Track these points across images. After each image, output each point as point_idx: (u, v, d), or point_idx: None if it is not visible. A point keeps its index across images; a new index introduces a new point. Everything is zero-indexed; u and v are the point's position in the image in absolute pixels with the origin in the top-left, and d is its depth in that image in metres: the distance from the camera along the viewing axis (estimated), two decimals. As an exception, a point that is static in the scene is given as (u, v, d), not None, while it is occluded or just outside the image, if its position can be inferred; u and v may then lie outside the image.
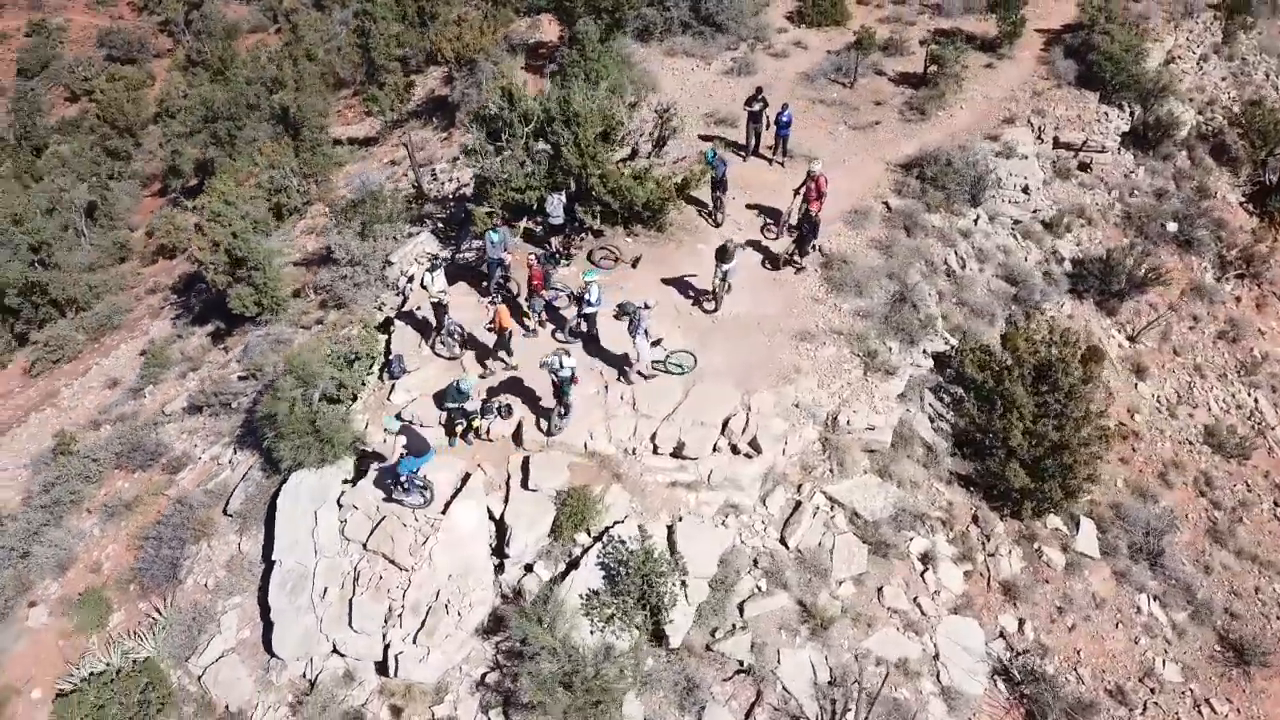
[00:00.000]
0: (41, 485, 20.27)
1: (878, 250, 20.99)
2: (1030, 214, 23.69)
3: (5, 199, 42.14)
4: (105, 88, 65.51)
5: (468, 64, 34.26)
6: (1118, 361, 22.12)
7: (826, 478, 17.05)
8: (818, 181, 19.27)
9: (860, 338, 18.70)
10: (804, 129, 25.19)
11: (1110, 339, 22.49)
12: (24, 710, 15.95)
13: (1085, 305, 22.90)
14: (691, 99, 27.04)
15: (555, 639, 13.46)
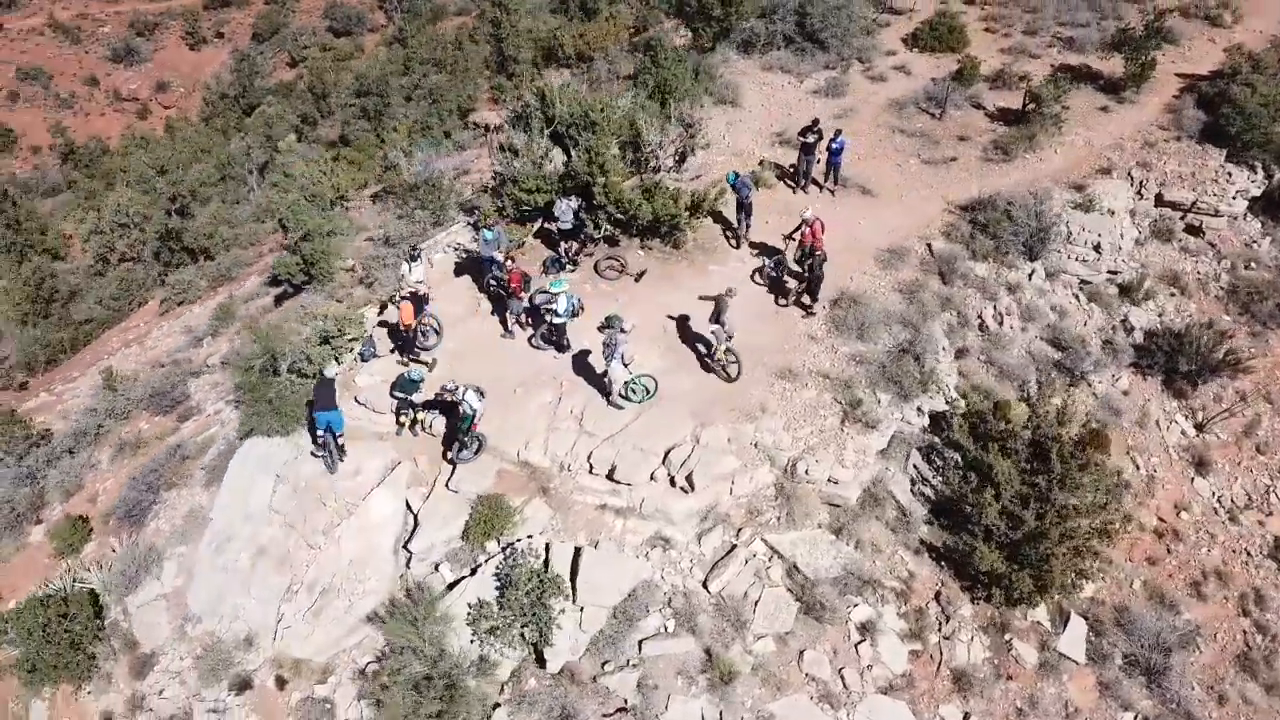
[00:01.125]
0: (80, 415, 22.59)
1: (901, 294, 19.96)
2: (1102, 275, 21.71)
3: (180, 150, 47.17)
4: (316, 57, 71.29)
5: (586, 61, 35.08)
6: (1174, 451, 19.91)
7: (773, 525, 16.39)
8: (812, 228, 18.79)
9: (847, 384, 17.88)
10: (874, 159, 24.37)
11: (1170, 424, 20.26)
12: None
13: (1149, 383, 20.76)
14: (770, 116, 26.74)
15: (423, 640, 13.68)
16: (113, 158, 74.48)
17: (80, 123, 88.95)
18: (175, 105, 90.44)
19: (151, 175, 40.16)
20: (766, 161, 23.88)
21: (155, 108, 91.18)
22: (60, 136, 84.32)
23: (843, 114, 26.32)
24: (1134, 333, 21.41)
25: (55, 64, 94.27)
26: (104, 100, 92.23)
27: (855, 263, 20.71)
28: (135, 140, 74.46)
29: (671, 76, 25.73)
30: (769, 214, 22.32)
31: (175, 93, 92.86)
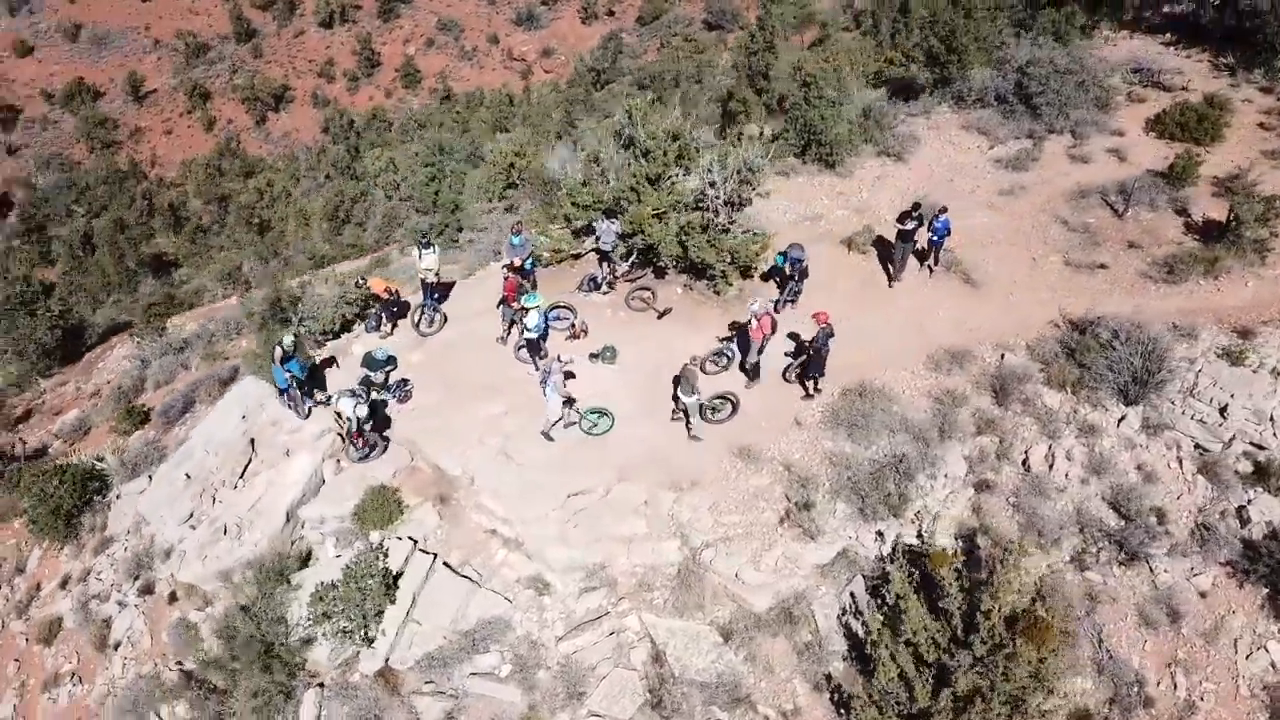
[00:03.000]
0: (214, 322, 26.44)
1: (930, 401, 17.80)
2: (1224, 444, 17.69)
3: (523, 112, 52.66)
4: (680, 47, 75.95)
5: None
6: (1249, 683, 15.95)
7: (658, 605, 15.53)
8: (760, 322, 17.54)
9: (805, 482, 16.38)
10: (1011, 246, 21.92)
11: (1258, 650, 16.19)
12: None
13: (1245, 592, 16.68)
14: (928, 178, 24.88)
15: (259, 599, 14.76)
16: (478, 109, 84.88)
17: (473, 74, 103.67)
18: (554, 71, 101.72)
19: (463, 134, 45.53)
20: (869, 228, 22.18)
21: (538, 70, 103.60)
22: (442, 82, 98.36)
23: (1011, 190, 23.79)
24: (1251, 526, 17.30)
25: (469, 20, 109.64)
26: (498, 58, 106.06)
27: (902, 354, 18.87)
28: (502, 96, 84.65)
29: (820, 118, 24.63)
30: (846, 279, 20.89)
31: (557, 60, 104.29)
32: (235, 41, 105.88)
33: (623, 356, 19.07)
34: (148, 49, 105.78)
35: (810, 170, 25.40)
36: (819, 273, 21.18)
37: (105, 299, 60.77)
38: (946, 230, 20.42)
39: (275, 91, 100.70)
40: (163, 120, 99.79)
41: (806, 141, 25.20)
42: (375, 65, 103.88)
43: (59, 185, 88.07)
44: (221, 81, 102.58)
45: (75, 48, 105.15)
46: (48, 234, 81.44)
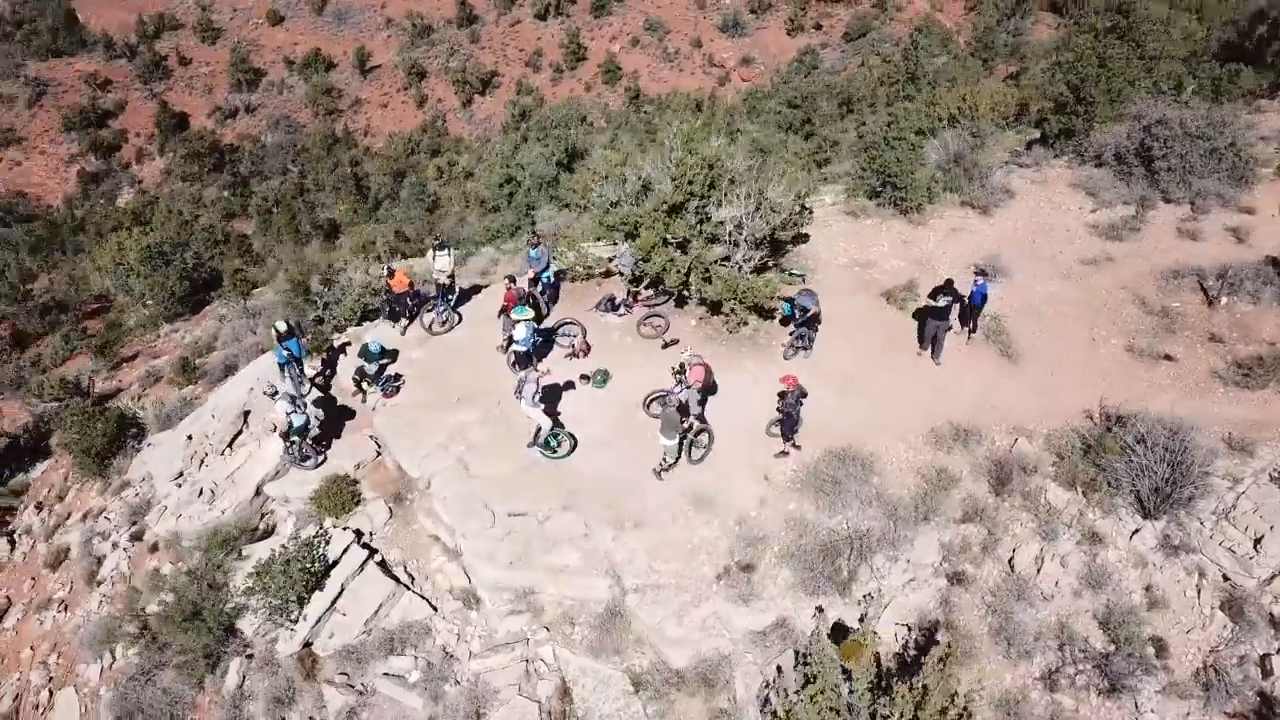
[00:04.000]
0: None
1: (918, 478, 16.67)
2: (1262, 582, 15.52)
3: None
4: (875, 67, 75.47)
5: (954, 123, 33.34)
6: None
7: (576, 641, 15.30)
8: (691, 372, 16.96)
9: (754, 542, 15.64)
10: (1070, 321, 20.44)
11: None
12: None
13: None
14: (1010, 237, 23.39)
15: (200, 565, 15.70)
16: (662, 112, 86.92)
17: (671, 75, 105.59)
18: (751, 80, 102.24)
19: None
20: (913, 283, 20.93)
21: (735, 78, 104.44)
22: (634, 81, 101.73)
23: (1096, 260, 21.98)
24: (1275, 679, 15.13)
25: (676, 22, 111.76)
26: (698, 62, 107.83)
27: (904, 422, 17.80)
28: (689, 100, 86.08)
29: (895, 162, 23.44)
30: (872, 333, 19.91)
31: (755, 69, 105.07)
32: (457, 26, 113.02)
33: (614, 382, 18.98)
34: (380, 26, 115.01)
35: (882, 214, 24.30)
36: (845, 322, 20.41)
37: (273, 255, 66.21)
38: (983, 297, 19.05)
39: (484, 77, 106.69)
40: (381, 94, 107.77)
41: (881, 184, 24.07)
42: (580, 59, 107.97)
43: (281, 144, 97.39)
44: (438, 63, 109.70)
45: (319, 20, 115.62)
46: (250, 189, 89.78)
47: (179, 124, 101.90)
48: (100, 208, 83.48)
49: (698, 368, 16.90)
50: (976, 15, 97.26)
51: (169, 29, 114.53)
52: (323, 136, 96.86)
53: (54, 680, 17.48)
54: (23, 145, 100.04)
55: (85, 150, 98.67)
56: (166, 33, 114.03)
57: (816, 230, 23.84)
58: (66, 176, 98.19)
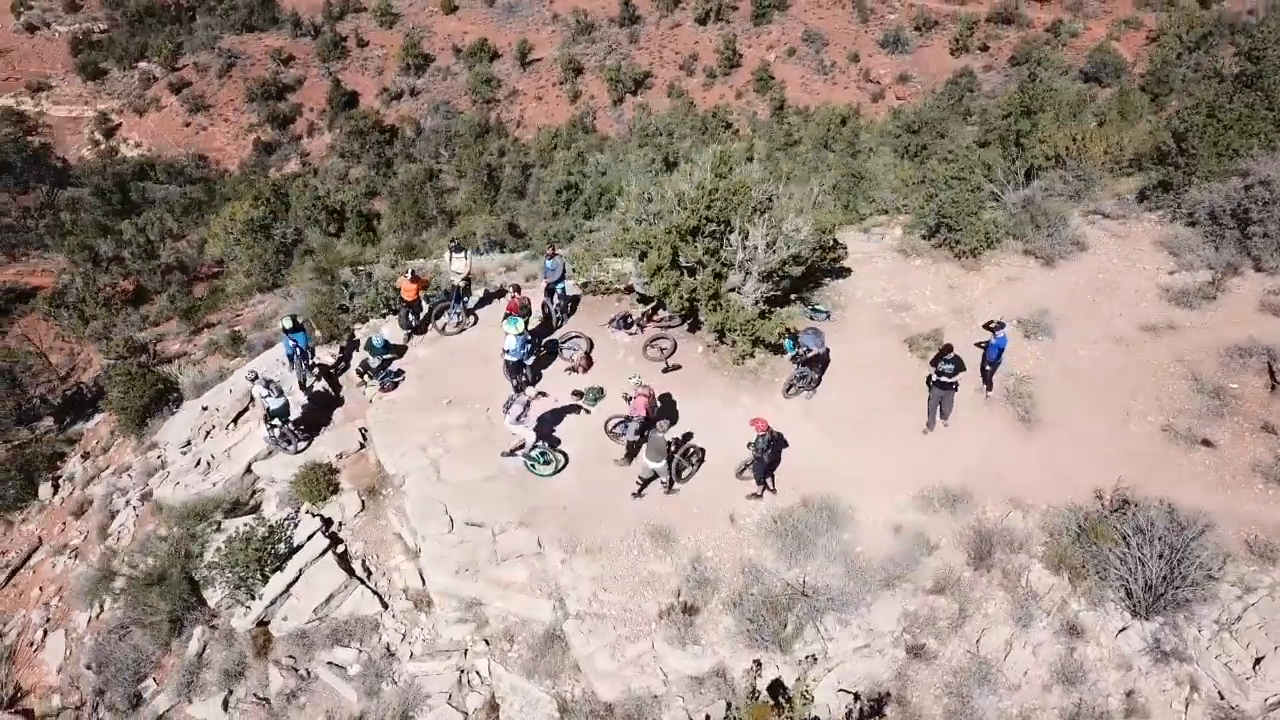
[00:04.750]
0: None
1: (894, 538, 15.86)
2: (1263, 708, 13.94)
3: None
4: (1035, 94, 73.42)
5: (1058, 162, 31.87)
6: None
7: (512, 659, 15.31)
8: (635, 402, 16.61)
9: (704, 584, 15.20)
10: (1112, 390, 19.13)
11: None
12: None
13: None
14: (1070, 292, 22.09)
15: (165, 533, 16.56)
16: (809, 125, 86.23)
17: (824, 88, 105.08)
18: (906, 98, 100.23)
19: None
20: (940, 332, 19.87)
21: (889, 95, 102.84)
22: (780, 92, 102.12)
23: (1156, 327, 20.38)
24: (1257, 817, 13.63)
25: (836, 35, 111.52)
26: (853, 76, 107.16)
27: (894, 478, 17.00)
28: (833, 114, 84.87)
29: (951, 203, 22.29)
30: (883, 380, 19.12)
31: (911, 87, 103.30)
32: (619, 25, 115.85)
33: (605, 402, 18.87)
34: (546, 21, 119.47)
35: (934, 255, 23.19)
36: (859, 365, 19.71)
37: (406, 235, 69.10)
38: (999, 352, 17.94)
39: (637, 77, 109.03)
40: (537, 86, 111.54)
41: (937, 224, 22.94)
42: (734, 66, 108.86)
43: (437, 129, 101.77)
44: (595, 60, 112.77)
45: (489, 11, 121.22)
46: (394, 169, 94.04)
47: (349, 102, 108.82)
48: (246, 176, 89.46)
49: (640, 398, 16.59)
50: (1157, 46, 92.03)
51: (353, 11, 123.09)
52: (476, 124, 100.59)
53: (50, 622, 18.87)
54: (210, 112, 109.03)
55: (263, 121, 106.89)
56: (350, 15, 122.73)
57: (860, 265, 23.04)
58: (244, 144, 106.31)
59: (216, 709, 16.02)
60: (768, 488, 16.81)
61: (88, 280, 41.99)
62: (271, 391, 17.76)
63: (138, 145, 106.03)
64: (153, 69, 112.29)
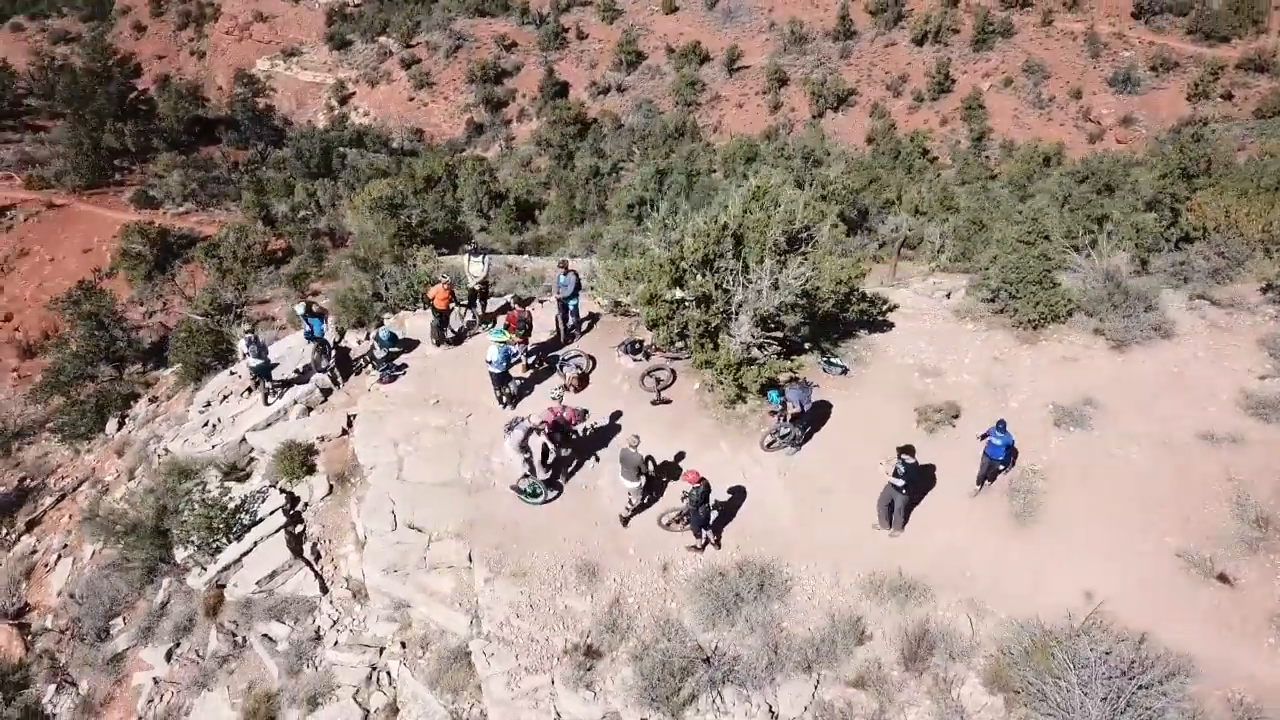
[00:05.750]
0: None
1: (827, 620, 14.94)
2: None
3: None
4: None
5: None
6: None
7: (421, 666, 15.58)
8: (548, 419, 16.65)
9: (614, 629, 14.80)
10: (1136, 505, 17.12)
11: None
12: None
13: None
14: (1127, 383, 19.65)
15: (151, 486, 17.83)
16: (1010, 160, 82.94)
17: (1037, 123, 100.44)
18: (1127, 142, 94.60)
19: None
20: (953, 406, 18.34)
21: (1109, 137, 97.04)
22: (979, 123, 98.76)
23: (1217, 437, 18.04)
24: None
25: (1061, 68, 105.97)
26: (1072, 113, 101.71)
27: (849, 556, 15.96)
28: (1036, 152, 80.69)
29: (1014, 269, 20.53)
30: (875, 448, 17.82)
31: (1135, 131, 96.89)
32: (833, 39, 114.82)
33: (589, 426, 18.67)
34: (762, 28, 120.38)
35: (991, 322, 21.49)
36: (854, 428, 18.70)
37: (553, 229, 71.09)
38: (1002, 451, 16.45)
39: (841, 93, 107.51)
40: (740, 93, 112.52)
41: (998, 288, 21.19)
42: (944, 91, 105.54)
43: (635, 127, 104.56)
44: (802, 72, 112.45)
45: (708, 15, 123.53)
46: (573, 162, 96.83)
47: (559, 91, 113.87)
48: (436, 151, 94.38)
49: (550, 410, 16.65)
50: None
51: (579, 4, 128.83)
52: (673, 126, 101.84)
53: (66, 549, 20.75)
54: (432, 89, 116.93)
55: (479, 102, 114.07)
56: (576, 7, 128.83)
57: (905, 321, 21.75)
58: (458, 122, 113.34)
59: (161, 658, 17.23)
60: (708, 541, 16.22)
61: (239, 235, 45.72)
62: (252, 350, 18.94)
63: (366, 114, 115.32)
64: (390, 44, 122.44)
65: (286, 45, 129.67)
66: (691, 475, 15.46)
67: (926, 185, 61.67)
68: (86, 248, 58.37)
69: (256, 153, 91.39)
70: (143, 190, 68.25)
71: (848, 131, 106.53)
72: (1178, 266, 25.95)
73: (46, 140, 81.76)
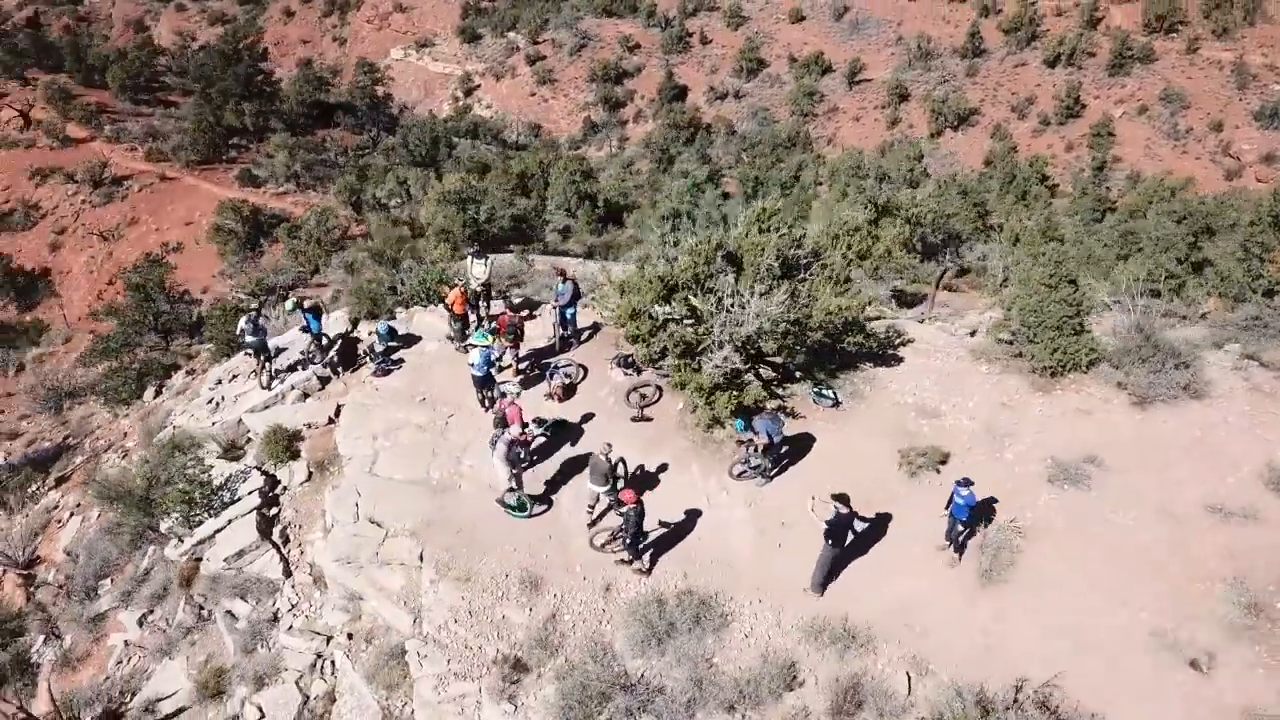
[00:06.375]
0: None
1: (760, 662, 14.50)
2: None
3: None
4: None
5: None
6: None
7: (364, 660, 15.85)
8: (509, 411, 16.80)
9: (545, 644, 14.77)
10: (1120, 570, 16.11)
11: None
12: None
13: None
14: (1145, 445, 18.48)
15: (149, 459, 18.65)
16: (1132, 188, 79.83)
17: (1169, 155, 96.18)
18: (1267, 181, 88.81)
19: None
20: (939, 451, 17.52)
21: (1248, 175, 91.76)
22: (1102, 150, 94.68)
23: (1231, 512, 16.78)
24: None
25: (1202, 98, 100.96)
26: (1209, 147, 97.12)
27: (794, 596, 15.42)
28: (1159, 188, 77.01)
29: (1032, 312, 19.46)
30: (849, 488, 17.01)
31: (1278, 169, 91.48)
32: (960, 56, 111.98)
33: (561, 439, 18.70)
34: (889, 42, 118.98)
35: (1008, 365, 20.43)
36: (832, 465, 18.09)
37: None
38: (968, 510, 15.55)
39: (962, 112, 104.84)
40: (858, 106, 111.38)
41: (1016, 330, 20.14)
42: (1072, 116, 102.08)
43: (749, 134, 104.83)
44: (924, 89, 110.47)
45: (834, 26, 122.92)
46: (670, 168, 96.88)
47: (677, 95, 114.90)
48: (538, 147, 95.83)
49: (512, 408, 16.86)
50: None
51: (706, 9, 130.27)
52: (785, 135, 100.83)
53: (79, 508, 21.92)
54: (553, 86, 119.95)
55: (597, 101, 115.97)
56: (702, 12, 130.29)
57: (916, 358, 20.96)
58: (575, 120, 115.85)
59: (134, 622, 18.07)
60: (638, 560, 16.01)
61: (321, 218, 47.48)
62: (247, 328, 19.71)
63: (488, 107, 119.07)
64: (518, 39, 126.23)
65: (421, 36, 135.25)
66: (629, 495, 15.31)
67: (1032, 213, 59.47)
68: (189, 220, 61.87)
69: (369, 139, 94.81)
70: (247, 169, 71.85)
71: (965, 151, 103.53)
72: (1250, 321, 24.35)
73: (174, 116, 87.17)
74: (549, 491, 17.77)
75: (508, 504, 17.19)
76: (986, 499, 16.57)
